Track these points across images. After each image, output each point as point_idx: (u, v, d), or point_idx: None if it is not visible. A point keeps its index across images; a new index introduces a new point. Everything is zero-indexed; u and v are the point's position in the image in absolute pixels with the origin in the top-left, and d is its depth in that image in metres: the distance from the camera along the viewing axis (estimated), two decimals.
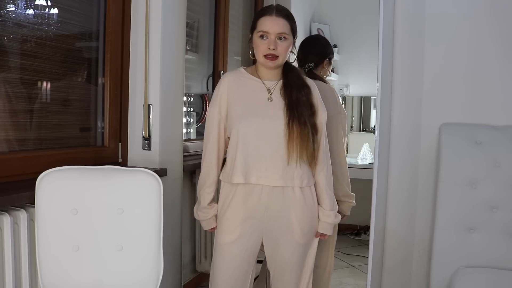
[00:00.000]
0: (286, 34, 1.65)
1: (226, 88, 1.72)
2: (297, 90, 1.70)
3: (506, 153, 1.91)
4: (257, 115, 1.68)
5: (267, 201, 1.67)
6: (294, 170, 1.66)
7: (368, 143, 4.12)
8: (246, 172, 1.65)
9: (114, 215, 1.55)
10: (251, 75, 1.74)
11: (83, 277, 1.53)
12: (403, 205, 2.18)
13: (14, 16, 1.76)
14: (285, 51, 1.67)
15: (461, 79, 2.10)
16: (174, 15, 2.21)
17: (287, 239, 1.71)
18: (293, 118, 1.65)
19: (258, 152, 1.66)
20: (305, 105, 1.69)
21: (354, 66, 4.51)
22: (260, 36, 1.66)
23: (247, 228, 1.70)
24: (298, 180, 1.67)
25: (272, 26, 1.64)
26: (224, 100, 1.71)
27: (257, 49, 1.67)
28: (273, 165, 1.65)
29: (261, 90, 1.71)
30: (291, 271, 1.75)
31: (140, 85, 2.17)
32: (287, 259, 1.74)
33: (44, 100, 1.93)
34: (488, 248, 1.89)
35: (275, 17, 1.65)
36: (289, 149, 1.64)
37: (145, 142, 2.17)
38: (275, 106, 1.68)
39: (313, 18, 4.54)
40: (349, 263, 3.46)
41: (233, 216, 1.70)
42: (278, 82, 1.73)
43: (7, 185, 1.64)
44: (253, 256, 1.75)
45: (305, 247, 1.74)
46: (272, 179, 1.65)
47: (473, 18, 2.08)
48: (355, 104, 4.60)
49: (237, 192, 1.69)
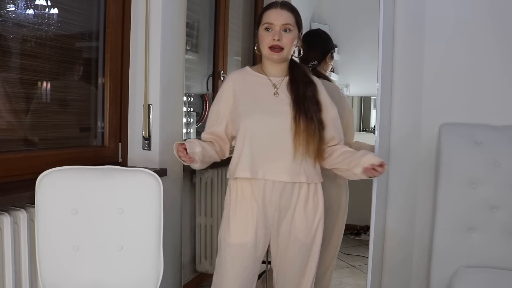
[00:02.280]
0: (290, 25, 1.67)
1: (232, 86, 1.73)
2: (303, 86, 1.71)
3: (506, 153, 1.91)
4: (264, 110, 1.68)
5: (278, 197, 1.67)
6: (300, 165, 1.66)
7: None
8: (252, 166, 1.66)
9: (114, 215, 1.55)
10: (256, 72, 1.75)
11: (83, 277, 1.54)
12: (403, 205, 2.18)
13: (14, 16, 1.76)
14: (290, 42, 1.68)
15: (461, 79, 2.10)
16: (174, 15, 2.21)
17: (291, 237, 1.71)
18: (299, 113, 1.66)
19: (265, 147, 1.66)
20: (311, 101, 1.70)
21: (354, 66, 4.51)
22: (265, 28, 1.68)
23: (259, 229, 1.69)
24: (304, 176, 1.67)
25: (277, 17, 1.66)
26: (230, 99, 1.72)
27: (263, 41, 1.69)
28: (280, 159, 1.66)
29: (267, 85, 1.72)
30: (294, 270, 1.75)
31: (140, 85, 2.17)
32: (290, 258, 1.74)
33: (44, 100, 1.93)
34: (488, 248, 1.89)
35: (280, 9, 1.68)
36: (296, 143, 1.65)
37: (145, 142, 2.17)
38: (282, 101, 1.69)
39: (313, 18, 4.54)
40: (349, 263, 3.46)
41: (244, 216, 1.68)
42: (284, 78, 1.74)
43: (7, 185, 1.64)
44: (262, 256, 1.75)
45: (309, 247, 1.74)
46: (279, 174, 1.66)
47: (473, 18, 2.08)
48: (355, 104, 4.60)
49: (246, 189, 1.68)
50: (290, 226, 1.70)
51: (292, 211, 1.70)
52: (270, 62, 1.74)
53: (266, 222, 1.70)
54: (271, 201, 1.68)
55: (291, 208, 1.69)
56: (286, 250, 1.73)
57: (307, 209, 1.70)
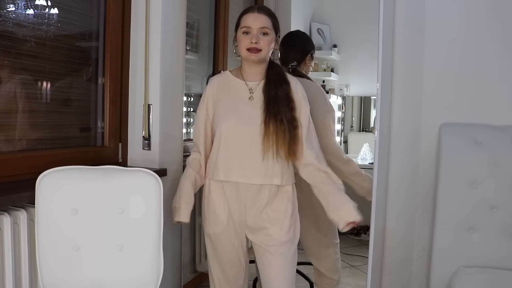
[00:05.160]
0: (268, 29, 1.70)
1: (212, 90, 1.80)
2: (275, 87, 1.74)
3: (506, 153, 1.91)
4: (237, 115, 1.73)
5: (250, 198, 1.73)
6: (273, 168, 1.71)
7: (368, 143, 4.12)
8: (226, 170, 1.72)
9: (114, 215, 1.55)
10: (235, 77, 1.80)
11: (83, 277, 1.53)
12: (403, 205, 2.18)
13: (14, 16, 1.76)
14: (267, 45, 1.71)
15: (461, 79, 2.10)
16: (174, 15, 2.20)
17: (265, 241, 1.76)
18: (269, 116, 1.70)
19: (238, 151, 1.72)
20: (283, 101, 1.72)
21: (354, 66, 4.51)
22: (243, 32, 1.72)
23: (230, 225, 1.77)
24: (278, 178, 1.73)
25: (254, 21, 1.70)
26: (211, 102, 1.79)
27: (240, 44, 1.73)
28: (252, 163, 1.71)
29: (243, 90, 1.77)
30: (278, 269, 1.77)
31: (140, 85, 2.17)
32: (272, 257, 1.76)
33: (44, 100, 1.92)
34: (488, 248, 1.89)
35: (257, 13, 1.72)
36: (265, 145, 1.69)
37: (145, 142, 2.17)
38: (255, 106, 1.73)
39: (313, 18, 4.54)
40: (349, 263, 3.46)
41: (217, 208, 1.77)
42: (260, 82, 1.77)
43: (7, 185, 1.64)
44: (243, 247, 1.82)
45: (284, 243, 1.75)
46: (251, 177, 1.71)
47: (473, 17, 2.08)
48: (355, 104, 4.59)
49: (218, 187, 1.76)
50: (263, 226, 1.75)
51: (263, 211, 1.74)
52: (249, 65, 1.77)
53: (238, 218, 1.77)
54: (241, 200, 1.74)
55: (260, 207, 1.74)
56: (264, 247, 1.76)
57: (276, 207, 1.75)
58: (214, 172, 1.75)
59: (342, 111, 4.55)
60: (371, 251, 1.89)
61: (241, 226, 1.78)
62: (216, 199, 1.77)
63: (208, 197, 1.80)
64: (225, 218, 1.77)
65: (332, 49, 4.44)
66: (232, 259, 1.81)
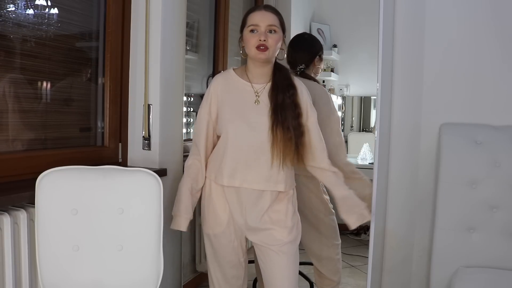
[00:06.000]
0: (275, 26, 1.69)
1: (216, 90, 1.76)
2: (282, 92, 1.72)
3: (506, 153, 1.91)
4: (243, 119, 1.71)
5: (252, 202, 1.73)
6: (278, 174, 1.71)
7: (368, 143, 4.12)
8: (231, 175, 1.71)
9: (114, 215, 1.55)
10: (240, 78, 1.76)
11: (83, 277, 1.53)
12: (403, 205, 2.18)
13: (14, 16, 1.76)
14: (275, 43, 1.69)
15: (461, 78, 2.10)
16: (174, 15, 2.20)
17: (267, 241, 1.76)
18: (277, 123, 1.68)
19: (244, 156, 1.70)
20: (290, 108, 1.71)
21: (354, 66, 4.51)
22: (250, 30, 1.69)
23: (230, 226, 1.77)
24: (282, 185, 1.73)
25: (262, 19, 1.68)
26: (214, 103, 1.76)
27: (248, 43, 1.69)
28: (258, 169, 1.70)
29: (249, 93, 1.74)
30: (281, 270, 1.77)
31: (140, 85, 2.17)
32: (273, 259, 1.76)
33: (44, 100, 1.92)
34: (488, 248, 1.89)
35: (264, 11, 1.71)
36: (272, 153, 1.68)
37: (145, 142, 2.17)
38: (261, 110, 1.71)
39: (313, 18, 4.54)
40: (349, 263, 3.46)
41: (217, 209, 1.77)
42: (266, 85, 1.75)
43: (7, 185, 1.64)
44: (242, 248, 1.83)
45: (286, 244, 1.76)
46: (255, 182, 1.71)
47: (473, 18, 2.08)
48: (355, 104, 4.59)
49: (219, 191, 1.76)
50: (264, 230, 1.75)
51: (264, 212, 1.74)
52: (255, 65, 1.74)
53: (237, 224, 1.77)
54: (241, 203, 1.74)
55: (263, 209, 1.74)
56: (267, 246, 1.76)
57: (279, 213, 1.75)
58: (217, 176, 1.74)
59: (342, 111, 4.55)
60: (371, 251, 1.89)
61: (241, 227, 1.78)
62: (217, 200, 1.77)
63: (208, 197, 1.79)
64: (226, 219, 1.76)
65: (332, 49, 4.44)
66: (231, 260, 1.81)
